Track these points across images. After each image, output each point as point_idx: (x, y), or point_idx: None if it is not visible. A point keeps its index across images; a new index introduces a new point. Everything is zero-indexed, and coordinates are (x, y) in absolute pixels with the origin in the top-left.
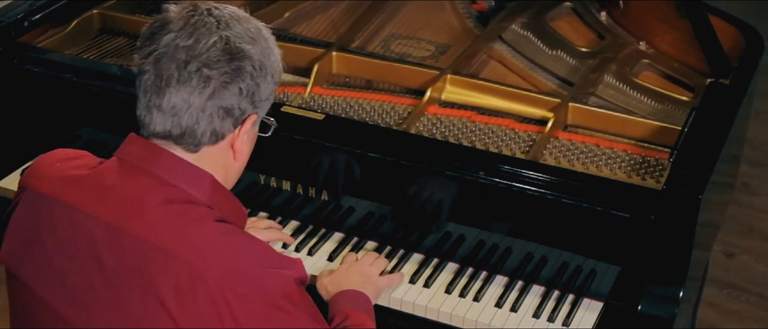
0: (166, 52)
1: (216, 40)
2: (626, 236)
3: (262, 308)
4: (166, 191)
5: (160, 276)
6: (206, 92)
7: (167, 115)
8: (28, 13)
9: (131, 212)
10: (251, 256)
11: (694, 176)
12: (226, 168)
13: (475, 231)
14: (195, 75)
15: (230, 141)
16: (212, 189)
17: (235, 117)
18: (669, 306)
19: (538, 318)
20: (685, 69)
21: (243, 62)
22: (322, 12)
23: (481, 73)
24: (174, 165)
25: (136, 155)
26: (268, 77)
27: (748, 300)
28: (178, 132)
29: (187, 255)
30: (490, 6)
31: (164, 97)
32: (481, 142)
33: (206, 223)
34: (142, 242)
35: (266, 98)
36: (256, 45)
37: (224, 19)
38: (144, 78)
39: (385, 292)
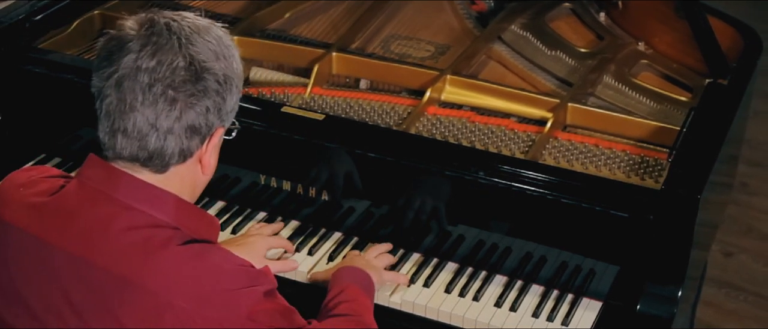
0: (128, 75)
1: (180, 60)
2: (625, 235)
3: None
4: (130, 216)
5: (124, 308)
6: (173, 113)
7: (133, 139)
8: (30, 14)
9: (95, 241)
10: (219, 278)
11: (693, 176)
12: (194, 184)
13: (475, 231)
14: (160, 98)
15: (198, 157)
16: (177, 209)
17: (203, 134)
18: (668, 306)
19: (537, 317)
20: (683, 69)
21: (208, 81)
22: (322, 13)
23: (481, 74)
24: (136, 189)
25: (97, 179)
26: (233, 89)
27: (746, 300)
28: (145, 155)
29: (153, 284)
30: (489, 7)
31: (129, 121)
32: (481, 142)
33: (171, 248)
34: (105, 274)
35: (232, 108)
36: (219, 60)
37: (185, 34)
38: (106, 102)
39: (384, 292)
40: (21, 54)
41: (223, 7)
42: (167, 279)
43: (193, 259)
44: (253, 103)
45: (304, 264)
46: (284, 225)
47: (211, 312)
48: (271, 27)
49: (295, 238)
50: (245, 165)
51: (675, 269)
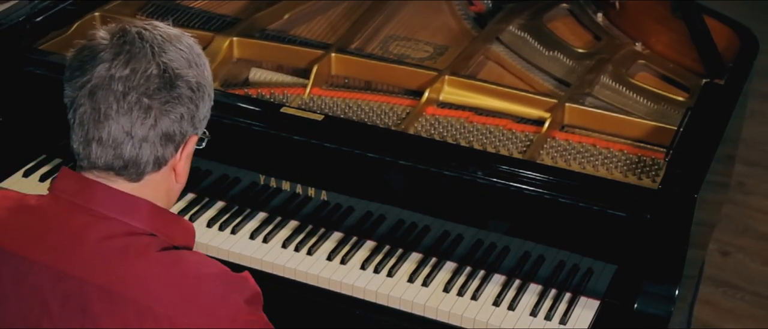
0: (102, 84)
1: (153, 68)
2: (622, 235)
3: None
4: (105, 226)
5: (104, 318)
6: (148, 121)
7: (108, 148)
8: (30, 15)
9: (71, 253)
10: (200, 284)
11: (690, 176)
12: (168, 192)
13: (473, 230)
14: (135, 106)
15: (172, 165)
16: (151, 216)
17: (177, 142)
18: (665, 304)
19: (535, 316)
20: (680, 69)
21: (182, 88)
22: (321, 14)
23: (479, 74)
24: (110, 198)
25: (71, 192)
26: (205, 96)
27: (743, 299)
28: (120, 164)
29: (132, 293)
30: (487, 7)
31: (104, 130)
32: (479, 142)
33: (149, 255)
34: (84, 285)
35: (204, 116)
36: (192, 67)
37: (157, 42)
38: (79, 111)
39: (383, 291)
40: (22, 55)
41: (223, 8)
42: (147, 287)
43: (172, 266)
44: (253, 103)
45: (303, 263)
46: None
47: (192, 319)
48: (271, 28)
49: (294, 238)
50: (245, 165)
51: (672, 268)
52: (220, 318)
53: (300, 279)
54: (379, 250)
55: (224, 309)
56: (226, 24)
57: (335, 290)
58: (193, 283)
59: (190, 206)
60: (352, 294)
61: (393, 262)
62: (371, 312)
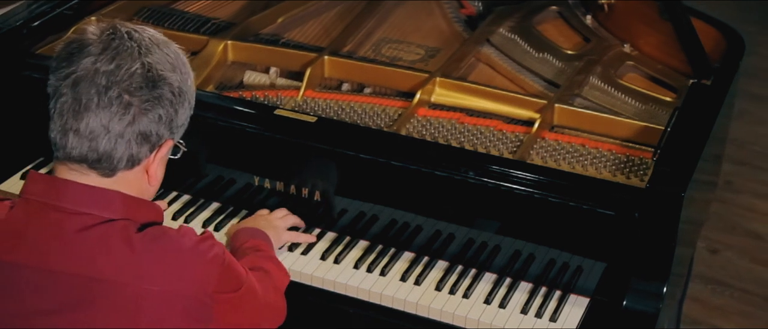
0: (86, 76)
1: (138, 66)
2: (611, 233)
3: (209, 296)
4: (77, 220)
5: (105, 307)
6: (126, 118)
7: (84, 139)
8: (28, 20)
9: (52, 250)
10: (184, 253)
11: (677, 175)
12: (140, 192)
13: (465, 230)
14: (115, 101)
15: (145, 166)
16: (124, 205)
17: (152, 143)
18: (653, 301)
19: (526, 314)
20: (668, 70)
21: (163, 89)
22: (314, 18)
23: (470, 76)
24: (80, 194)
25: (40, 193)
26: (185, 104)
27: (731, 296)
28: (94, 157)
29: (123, 277)
30: (478, 10)
31: (82, 121)
32: (470, 143)
33: (130, 238)
34: (74, 278)
35: (182, 123)
36: (176, 72)
37: (145, 44)
38: (60, 100)
39: (376, 289)
40: (19, 60)
41: (218, 12)
42: (136, 269)
43: (152, 243)
44: (247, 106)
45: (297, 263)
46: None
47: (185, 287)
48: (265, 31)
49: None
50: (239, 167)
51: (660, 265)
52: (213, 275)
53: (294, 278)
54: (372, 249)
55: (213, 266)
56: (220, 28)
57: (329, 289)
58: (178, 256)
59: (185, 208)
60: (346, 292)
61: (386, 261)
62: (364, 311)
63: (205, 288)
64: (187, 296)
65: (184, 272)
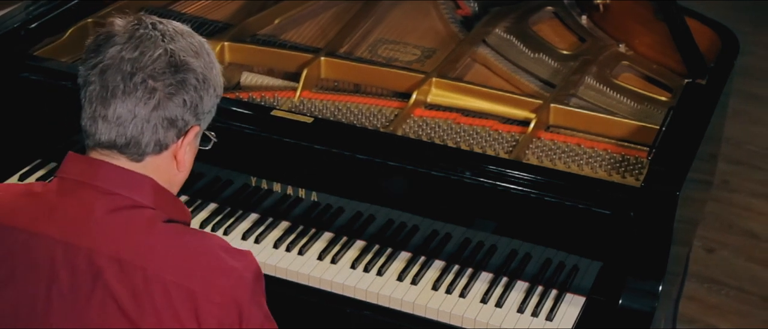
0: (112, 64)
1: (161, 52)
2: (607, 232)
3: (217, 306)
4: (110, 200)
5: (116, 284)
6: (151, 102)
7: (112, 125)
8: (25, 22)
9: (79, 227)
10: (204, 253)
11: (672, 174)
12: (169, 178)
13: (461, 229)
14: (140, 86)
15: (173, 152)
16: (155, 192)
17: (179, 128)
18: (649, 300)
19: (522, 313)
20: (663, 70)
21: (187, 75)
22: (310, 18)
23: (466, 77)
24: (114, 175)
25: (76, 172)
26: (210, 90)
27: (727, 294)
28: (122, 142)
29: (141, 261)
30: (474, 11)
31: (110, 107)
32: (466, 143)
33: (155, 227)
34: (94, 254)
35: (208, 110)
36: (200, 59)
37: (169, 33)
38: (89, 89)
39: (373, 289)
40: (17, 61)
41: (215, 14)
42: (154, 256)
43: (176, 236)
44: (244, 107)
45: (294, 263)
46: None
47: (197, 285)
48: (261, 33)
49: (286, 238)
50: (236, 168)
51: (655, 264)
52: (226, 287)
53: (291, 278)
54: (369, 249)
55: (229, 279)
56: (217, 29)
57: (326, 289)
58: (199, 253)
59: None
60: (343, 292)
61: (382, 261)
62: (361, 311)
63: (214, 296)
64: (195, 295)
65: (198, 270)
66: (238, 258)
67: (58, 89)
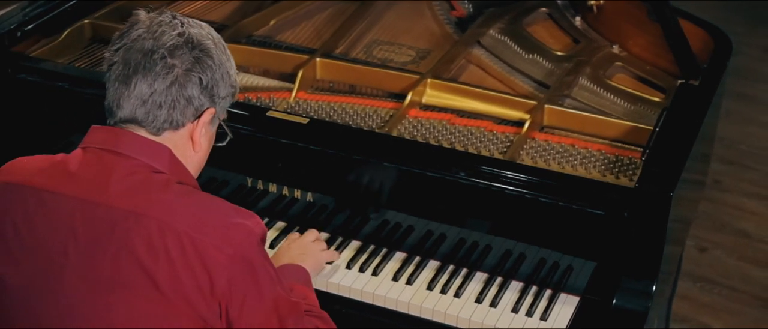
0: (134, 45)
1: (179, 32)
2: (601, 232)
3: (228, 257)
4: (129, 164)
5: (131, 234)
6: (169, 78)
7: (133, 100)
8: (21, 23)
9: (98, 186)
10: (215, 210)
11: (666, 175)
12: (185, 156)
13: (456, 230)
14: (160, 62)
15: (190, 131)
16: (171, 161)
17: (195, 107)
18: (643, 300)
19: (516, 312)
20: (656, 71)
21: (203, 55)
22: (306, 20)
23: (460, 77)
24: (134, 142)
25: (98, 141)
26: (225, 76)
27: (720, 293)
28: (142, 115)
29: (156, 213)
30: (468, 12)
31: (131, 84)
32: (461, 143)
33: (170, 187)
34: (111, 209)
35: (224, 96)
36: (216, 46)
37: (188, 22)
38: (113, 68)
39: (368, 289)
40: (13, 63)
41: (210, 15)
42: (169, 209)
43: (189, 194)
44: (240, 107)
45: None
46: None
47: (208, 238)
48: (257, 34)
49: (282, 238)
50: (232, 168)
51: (649, 264)
52: (236, 240)
53: None
54: (364, 249)
55: (239, 233)
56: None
57: (321, 289)
58: (211, 208)
59: None
60: (338, 292)
61: (378, 261)
62: (357, 311)
63: (224, 247)
64: (206, 244)
65: (210, 223)
66: (247, 216)
67: (55, 90)
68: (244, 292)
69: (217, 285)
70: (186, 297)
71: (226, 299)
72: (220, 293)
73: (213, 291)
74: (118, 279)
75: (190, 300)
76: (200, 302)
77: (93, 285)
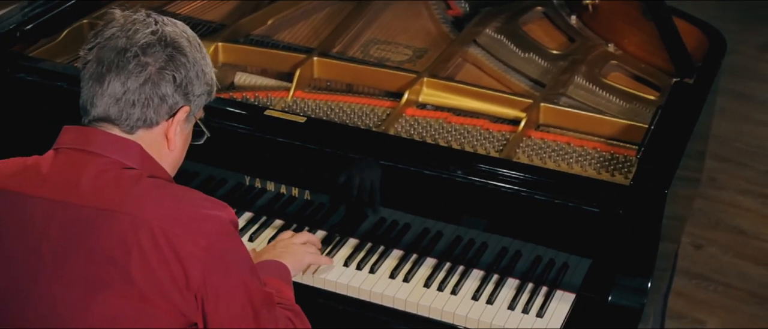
0: (108, 44)
1: (152, 30)
2: (596, 230)
3: (202, 249)
4: (99, 162)
5: (104, 233)
6: (142, 76)
7: (107, 98)
8: (20, 23)
9: (70, 186)
10: (187, 201)
11: (660, 172)
12: (160, 154)
13: (452, 227)
14: (133, 60)
15: (164, 129)
16: (142, 156)
17: (169, 105)
18: (638, 297)
19: (513, 309)
20: (651, 69)
21: (176, 52)
22: (304, 19)
23: (457, 76)
24: (104, 140)
25: (69, 141)
26: (200, 74)
27: (715, 290)
28: (115, 113)
29: (128, 209)
30: (464, 11)
31: (104, 82)
32: (457, 142)
33: (141, 181)
34: (83, 209)
35: (199, 95)
36: (191, 45)
37: (162, 20)
38: (87, 66)
39: (366, 287)
40: (13, 62)
41: (209, 15)
42: (141, 204)
43: (160, 187)
44: (238, 106)
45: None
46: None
47: (183, 230)
48: (255, 33)
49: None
50: (230, 167)
51: (644, 261)
52: (208, 231)
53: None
54: (362, 247)
55: (211, 224)
56: (211, 30)
57: (319, 287)
58: (183, 201)
59: None
60: (336, 290)
61: (375, 259)
62: (354, 308)
63: (197, 239)
64: (179, 237)
65: (184, 215)
66: (219, 207)
67: (54, 90)
68: (218, 284)
69: (191, 277)
70: (163, 293)
71: (201, 291)
72: (196, 286)
73: (188, 284)
74: (94, 278)
75: (168, 296)
76: (177, 296)
77: (70, 287)
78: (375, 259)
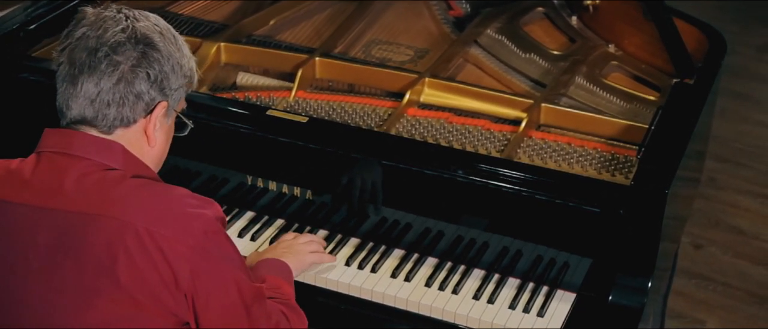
0: (78, 44)
1: (122, 27)
2: (597, 230)
3: (189, 248)
4: (81, 165)
5: (90, 238)
6: (115, 75)
7: (81, 100)
8: (24, 23)
9: (53, 191)
10: (172, 200)
11: (661, 172)
12: (142, 152)
13: (453, 227)
14: (104, 60)
15: (143, 127)
16: (124, 156)
17: (146, 102)
18: (638, 296)
19: (514, 309)
20: (652, 70)
21: (148, 48)
22: (305, 19)
23: (458, 76)
24: (86, 142)
25: (51, 145)
26: (176, 68)
27: (715, 290)
28: (91, 114)
29: (112, 212)
30: (466, 12)
31: (78, 84)
32: (458, 142)
33: (125, 182)
34: (68, 215)
35: (177, 88)
36: (164, 38)
37: (133, 15)
38: (60, 69)
39: (367, 286)
40: (16, 62)
41: (211, 15)
42: (125, 206)
43: (145, 187)
44: (240, 106)
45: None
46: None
47: (167, 230)
48: (257, 33)
49: (281, 236)
50: (233, 166)
51: (644, 261)
52: (195, 230)
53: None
54: (363, 247)
55: (198, 222)
56: (213, 30)
57: (321, 286)
58: (167, 200)
59: None
60: (337, 289)
61: (376, 258)
62: (355, 307)
63: (184, 238)
64: (167, 238)
65: (169, 215)
66: (206, 204)
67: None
68: (207, 282)
69: (180, 277)
70: (153, 295)
71: (191, 290)
72: (185, 285)
73: (178, 285)
74: (83, 285)
75: (158, 297)
76: (167, 297)
77: (59, 293)
78: (376, 258)
